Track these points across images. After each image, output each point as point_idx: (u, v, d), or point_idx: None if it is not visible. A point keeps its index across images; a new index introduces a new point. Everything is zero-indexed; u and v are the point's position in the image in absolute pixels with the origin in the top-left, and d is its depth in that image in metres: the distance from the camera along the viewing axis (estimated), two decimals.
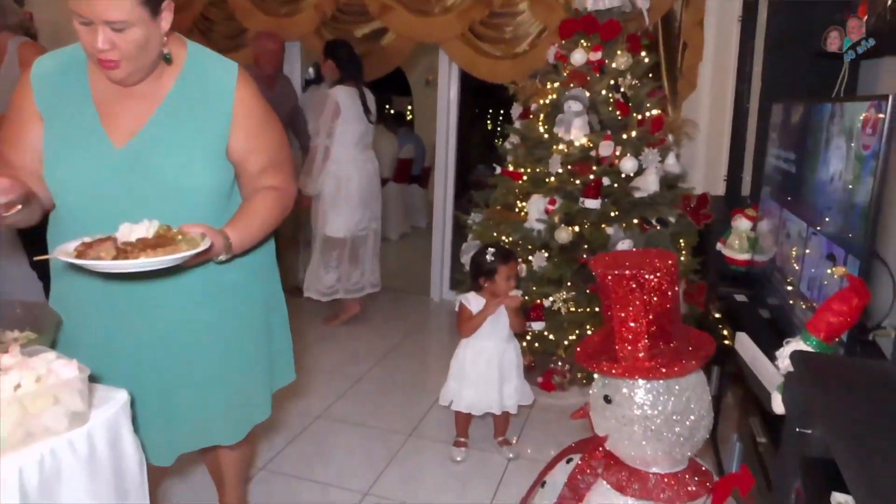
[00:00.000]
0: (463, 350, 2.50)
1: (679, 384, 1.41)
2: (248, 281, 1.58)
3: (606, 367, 1.43)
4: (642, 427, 1.41)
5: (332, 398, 2.99)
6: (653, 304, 1.41)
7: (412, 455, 2.54)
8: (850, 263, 1.47)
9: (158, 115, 1.40)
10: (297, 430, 2.69)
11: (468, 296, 2.47)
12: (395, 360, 3.48)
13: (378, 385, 3.16)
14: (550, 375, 3.04)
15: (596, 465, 1.52)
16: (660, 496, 1.43)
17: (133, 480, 1.24)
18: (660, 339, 1.42)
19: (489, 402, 2.48)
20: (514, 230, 3.01)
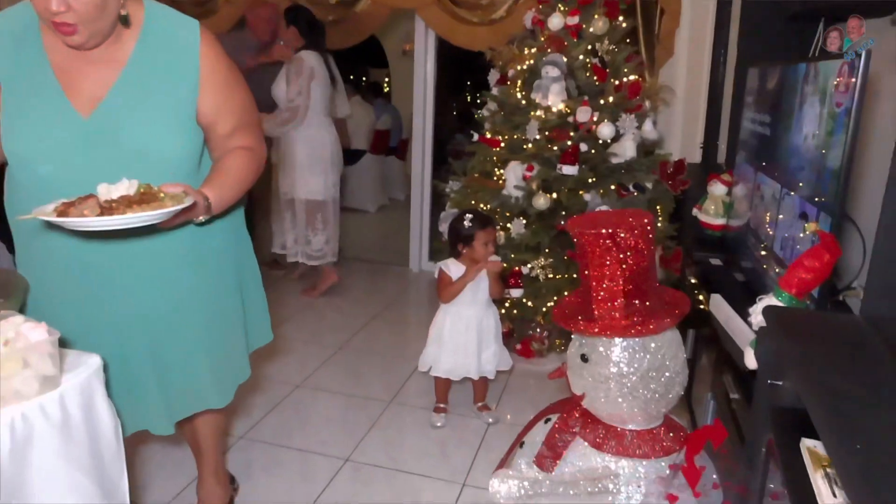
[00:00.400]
0: (442, 316, 2.50)
1: (654, 342, 1.43)
2: (222, 246, 1.57)
3: (583, 327, 1.45)
4: (618, 384, 1.43)
5: (312, 367, 2.99)
6: (628, 264, 1.42)
7: (393, 421, 2.56)
8: (822, 221, 1.49)
9: (122, 81, 1.36)
10: (276, 398, 2.69)
11: (447, 262, 2.47)
12: (374, 329, 3.48)
13: (358, 354, 3.16)
14: (529, 342, 3.07)
15: (573, 424, 1.54)
16: (636, 452, 1.46)
17: (109, 446, 1.23)
18: (635, 297, 1.43)
19: (468, 367, 2.50)
20: (492, 197, 3.01)
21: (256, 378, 2.82)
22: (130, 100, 1.36)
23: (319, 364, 3.04)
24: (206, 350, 1.55)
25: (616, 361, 1.43)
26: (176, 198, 1.24)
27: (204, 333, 1.54)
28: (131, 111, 1.35)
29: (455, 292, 2.43)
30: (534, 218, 2.92)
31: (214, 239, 1.52)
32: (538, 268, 2.88)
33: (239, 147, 1.47)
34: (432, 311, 2.61)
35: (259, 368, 2.92)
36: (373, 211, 6.52)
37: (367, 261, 4.78)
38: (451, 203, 3.30)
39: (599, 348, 1.45)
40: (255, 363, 1.75)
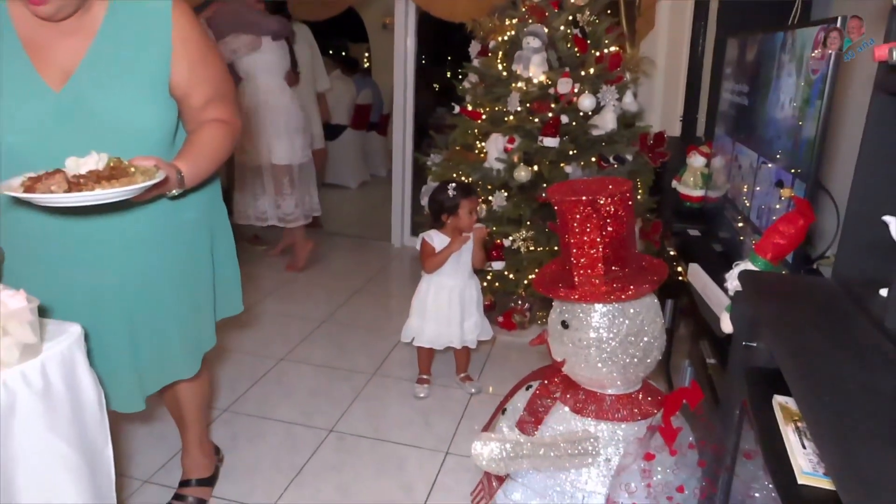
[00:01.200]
0: (425, 286, 2.52)
1: (633, 307, 1.45)
2: (197, 218, 1.57)
3: (564, 293, 1.47)
4: (598, 350, 1.45)
5: (296, 341, 3.00)
6: (608, 231, 1.43)
7: (376, 393, 2.58)
8: (797, 187, 1.52)
9: (93, 52, 1.34)
10: (260, 372, 2.70)
11: (430, 233, 2.48)
12: (357, 303, 3.50)
13: (341, 328, 3.18)
14: (511, 314, 3.10)
15: (554, 390, 1.57)
16: (615, 416, 1.49)
17: (93, 416, 1.23)
18: (615, 264, 1.45)
19: (450, 336, 2.52)
20: (474, 170, 3.01)
21: (240, 351, 2.82)
22: (102, 72, 1.33)
23: (303, 338, 3.04)
24: (178, 322, 1.55)
25: (596, 327, 1.45)
26: (147, 172, 1.22)
27: (176, 305, 1.54)
28: (103, 83, 1.33)
29: (439, 262, 2.44)
30: (515, 190, 2.93)
31: (188, 211, 1.51)
32: (520, 240, 2.90)
33: (213, 119, 1.46)
34: (414, 285, 2.62)
35: (242, 342, 2.92)
36: (354, 187, 6.49)
37: (349, 236, 4.77)
38: (432, 176, 3.30)
39: (579, 314, 1.47)
40: (239, 337, 1.76)
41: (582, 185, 1.52)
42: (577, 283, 1.46)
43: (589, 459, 1.43)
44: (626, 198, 1.43)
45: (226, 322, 1.76)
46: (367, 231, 4.86)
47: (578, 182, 1.55)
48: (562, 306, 1.53)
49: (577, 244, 1.45)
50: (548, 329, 1.61)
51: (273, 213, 3.84)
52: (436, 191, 2.53)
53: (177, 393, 1.82)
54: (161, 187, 1.30)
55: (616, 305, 1.45)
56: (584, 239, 1.44)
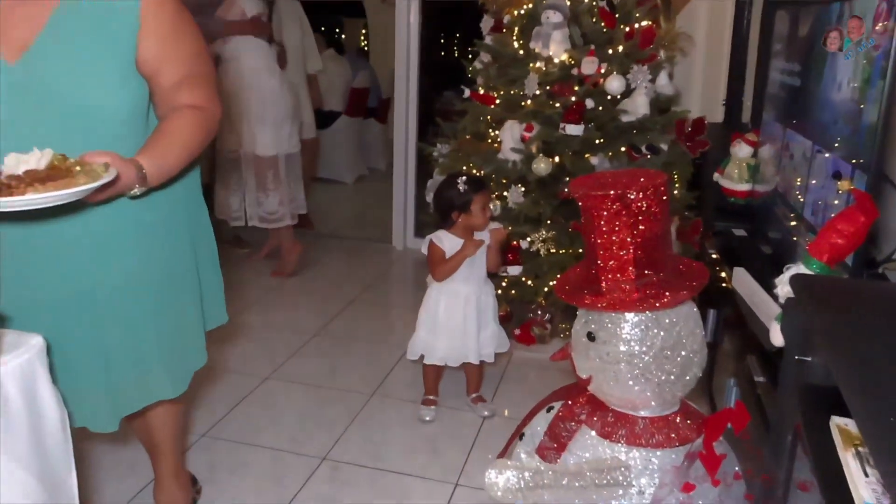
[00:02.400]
0: (435, 296, 2.52)
1: (669, 317, 1.45)
2: (172, 218, 1.57)
3: (589, 301, 1.47)
4: (629, 365, 1.46)
5: (284, 357, 3.01)
6: (640, 230, 1.43)
7: (375, 416, 2.59)
8: (858, 179, 1.52)
9: (53, 22, 1.35)
10: (242, 392, 2.71)
11: (439, 234, 2.48)
12: (354, 314, 3.51)
13: (335, 341, 3.19)
14: (529, 327, 3.10)
15: (579, 412, 1.57)
16: (649, 441, 1.49)
17: (55, 439, 1.24)
18: (648, 268, 1.45)
19: (466, 351, 2.52)
20: (486, 162, 3.02)
21: (220, 369, 2.84)
22: (61, 43, 1.34)
23: (291, 353, 3.05)
24: (156, 334, 1.55)
25: (626, 339, 1.45)
26: (92, 173, 1.20)
27: (154, 316, 1.54)
28: (62, 56, 1.34)
29: (452, 269, 2.45)
30: (533, 185, 2.94)
31: (159, 210, 1.51)
32: (539, 242, 2.91)
33: (186, 105, 1.45)
34: (419, 293, 2.63)
35: (223, 358, 2.94)
36: (350, 182, 6.51)
37: (344, 237, 4.79)
38: (439, 169, 3.31)
39: (608, 325, 1.47)
40: (218, 352, 1.78)
41: (610, 177, 1.52)
42: (605, 289, 1.46)
43: (619, 491, 1.43)
44: (660, 192, 1.43)
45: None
46: (365, 232, 4.88)
47: (606, 174, 1.56)
48: (587, 316, 1.53)
49: (604, 245, 1.46)
50: (571, 342, 1.61)
51: (254, 211, 3.87)
52: (443, 185, 2.54)
53: (148, 418, 1.83)
54: (115, 187, 1.29)
55: (650, 315, 1.45)
56: (613, 239, 1.44)
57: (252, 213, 3.88)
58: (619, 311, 1.45)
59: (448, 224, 2.48)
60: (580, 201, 1.49)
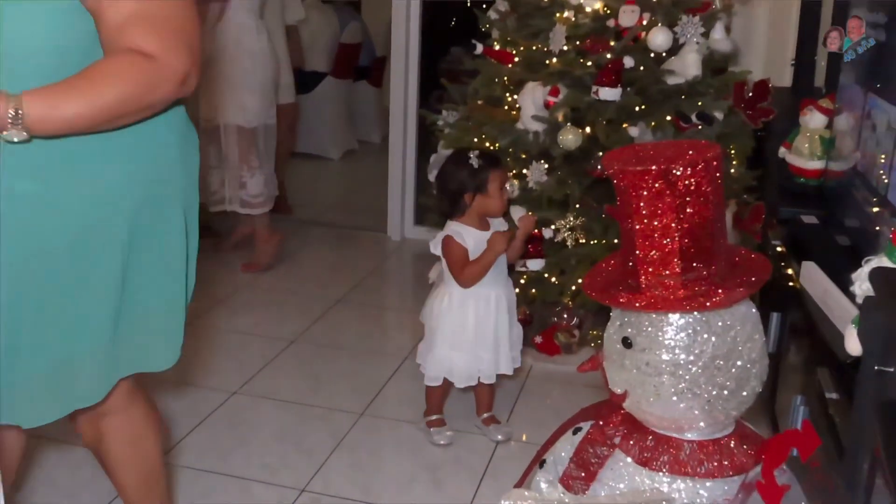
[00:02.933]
0: (461, 302, 2.50)
1: (722, 318, 1.45)
2: (67, 194, 1.49)
3: (626, 300, 1.47)
4: (674, 377, 1.46)
5: (255, 367, 3.03)
6: (687, 213, 1.44)
7: (366, 440, 2.60)
8: None
9: None
10: (205, 409, 2.73)
11: (457, 227, 2.47)
12: (340, 317, 3.52)
13: (318, 350, 3.20)
14: (552, 333, 3.10)
15: (612, 434, 1.57)
16: (696, 470, 1.49)
17: None
18: (696, 259, 1.45)
19: (498, 363, 2.55)
20: (502, 133, 3.02)
21: (178, 381, 2.86)
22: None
23: (265, 363, 3.07)
24: (28, 353, 1.51)
25: (670, 346, 1.45)
26: None
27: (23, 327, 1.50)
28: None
29: (483, 270, 2.45)
30: (559, 161, 2.94)
31: (27, 183, 1.44)
32: (565, 230, 2.91)
33: (128, 49, 1.41)
34: (419, 292, 2.64)
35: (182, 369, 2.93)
36: (336, 158, 6.53)
37: (329, 225, 4.80)
38: (444, 142, 3.31)
39: (648, 329, 1.48)
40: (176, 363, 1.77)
41: (652, 150, 1.52)
42: (645, 285, 1.46)
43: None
44: (712, 168, 1.43)
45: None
46: (354, 219, 4.89)
47: (647, 147, 1.56)
48: (623, 318, 1.54)
49: (644, 232, 1.46)
50: (603, 350, 1.62)
51: (235, 193, 3.88)
52: (450, 163, 2.54)
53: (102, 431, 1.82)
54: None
55: (698, 317, 1.45)
56: (655, 224, 1.45)
57: (233, 196, 3.89)
58: (662, 311, 1.45)
59: (459, 211, 2.48)
60: (615, 179, 1.49)
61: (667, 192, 1.42)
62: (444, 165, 2.57)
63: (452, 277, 2.49)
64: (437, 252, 2.53)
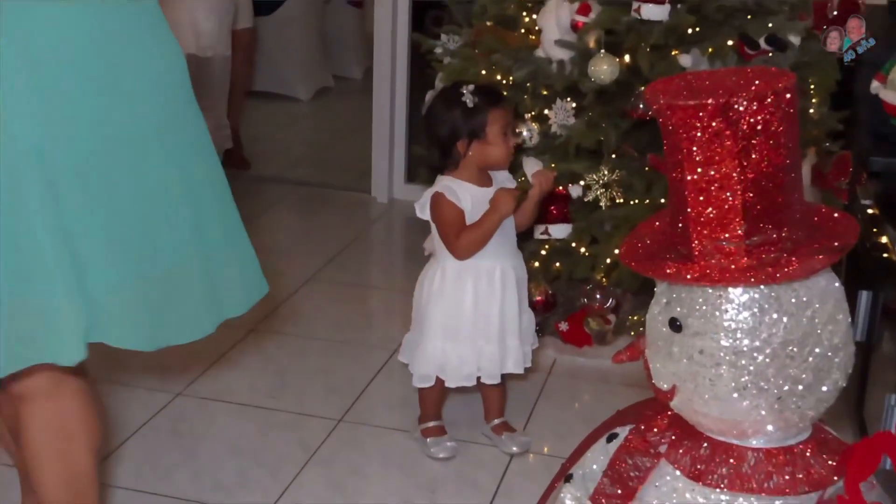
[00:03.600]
0: (455, 279, 2.50)
1: (797, 294, 1.45)
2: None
3: (674, 271, 1.47)
4: (734, 368, 1.47)
5: (205, 362, 3.04)
6: (753, 160, 1.43)
7: (344, 453, 2.62)
8: None
9: None
10: (142, 416, 2.74)
11: (449, 182, 2.44)
12: (311, 299, 3.54)
13: (283, 341, 3.23)
14: (581, 318, 3.11)
15: (656, 441, 1.58)
16: (763, 485, 1.50)
17: None
18: (764, 219, 1.45)
19: (506, 356, 2.54)
20: (517, 63, 3.01)
21: (111, 380, 2.87)
22: None
23: (217, 356, 3.09)
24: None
25: (730, 328, 1.45)
26: None
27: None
28: None
29: (483, 237, 2.43)
30: (590, 99, 2.94)
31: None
32: (598, 186, 2.91)
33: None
34: (412, 267, 2.63)
35: (114, 364, 2.96)
36: (305, 98, 6.51)
37: (296, 184, 4.81)
38: (443, 76, 3.30)
39: (702, 307, 1.48)
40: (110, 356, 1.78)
41: (708, 80, 1.52)
42: (699, 252, 1.47)
43: None
44: (785, 102, 1.43)
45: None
46: (329, 176, 4.90)
47: (701, 76, 1.55)
48: (671, 294, 1.54)
49: (697, 185, 1.46)
50: (646, 336, 1.62)
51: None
52: (437, 102, 2.51)
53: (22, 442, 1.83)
54: None
55: (766, 292, 1.45)
56: (711, 175, 1.44)
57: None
58: (720, 285, 1.46)
59: (451, 163, 2.47)
60: (661, 118, 1.49)
61: (727, 133, 1.42)
62: (431, 105, 2.55)
63: (444, 247, 2.49)
64: (424, 216, 2.50)
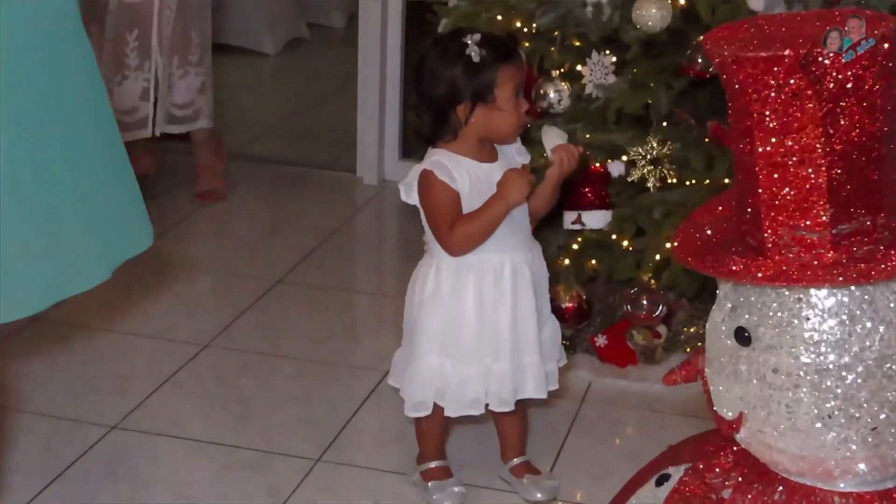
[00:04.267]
0: (453, 281, 2.49)
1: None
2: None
3: (741, 268, 1.47)
4: (818, 392, 1.47)
5: (146, 388, 3.05)
6: (841, 128, 1.44)
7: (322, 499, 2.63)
8: None
9: None
10: (69, 455, 2.74)
11: (441, 157, 2.42)
12: (282, 307, 3.56)
13: (247, 360, 3.24)
14: (623, 331, 3.12)
15: (718, 483, 1.59)
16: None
17: None
18: (855, 203, 1.46)
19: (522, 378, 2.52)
20: (544, 5, 3.02)
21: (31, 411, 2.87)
22: None
23: (162, 378, 3.10)
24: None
25: (812, 340, 1.45)
26: None
27: None
28: None
29: (484, 230, 2.42)
30: (635, 52, 2.95)
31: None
32: (645, 163, 2.91)
33: None
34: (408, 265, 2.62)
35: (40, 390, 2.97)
36: (273, 53, 6.52)
37: (265, 161, 4.83)
38: (446, 23, 3.30)
39: (776, 313, 1.48)
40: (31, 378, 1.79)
41: (784, 26, 1.52)
42: (772, 244, 1.47)
43: None
44: (883, 53, 1.43)
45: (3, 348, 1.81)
46: (306, 151, 4.92)
47: (776, 21, 1.56)
48: (737, 297, 1.55)
49: (771, 160, 1.46)
50: (705, 350, 1.62)
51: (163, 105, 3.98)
52: (433, 54, 2.47)
53: None
54: None
55: (857, 294, 1.46)
56: (789, 146, 1.45)
57: (160, 111, 4.02)
58: (800, 285, 1.46)
59: (447, 132, 2.47)
60: (725, 74, 1.49)
61: (808, 94, 1.42)
62: (423, 58, 2.50)
63: (437, 238, 2.48)
64: (410, 199, 2.48)
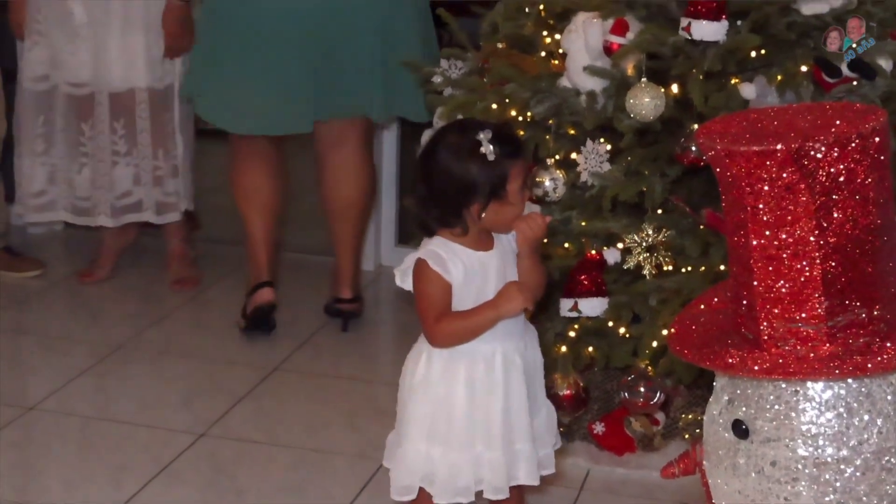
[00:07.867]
0: (444, 367, 2.44)
1: (894, 389, 1.46)
2: None
3: (737, 361, 1.48)
4: (816, 484, 1.47)
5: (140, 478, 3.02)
6: (835, 221, 1.45)
7: None
8: None
9: None
10: None
11: (437, 247, 2.41)
12: (274, 395, 3.55)
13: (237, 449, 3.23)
14: (621, 419, 3.11)
15: None
16: None
17: None
18: (850, 295, 1.46)
19: (515, 465, 2.49)
20: (536, 95, 3.04)
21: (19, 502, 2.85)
22: None
23: (157, 468, 3.08)
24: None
25: (811, 434, 1.46)
26: None
27: None
28: None
29: (470, 332, 2.41)
30: (630, 140, 2.96)
31: None
32: (640, 251, 2.91)
33: None
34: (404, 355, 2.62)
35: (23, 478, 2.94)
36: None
37: None
38: (443, 110, 3.32)
39: (774, 406, 1.48)
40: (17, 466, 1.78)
41: (776, 119, 1.54)
42: (768, 336, 1.48)
43: None
44: (874, 146, 1.44)
45: None
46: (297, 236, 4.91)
47: (767, 114, 1.57)
48: (734, 390, 1.55)
49: (766, 252, 1.47)
50: (703, 443, 1.63)
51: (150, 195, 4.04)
52: (445, 147, 2.43)
53: None
54: None
55: (854, 386, 1.46)
56: (783, 238, 1.46)
57: (148, 199, 4.08)
58: (797, 378, 1.46)
59: (457, 226, 2.46)
60: (718, 167, 1.50)
61: (801, 187, 1.44)
62: (433, 152, 2.47)
63: (424, 331, 2.46)
64: (405, 285, 2.47)
